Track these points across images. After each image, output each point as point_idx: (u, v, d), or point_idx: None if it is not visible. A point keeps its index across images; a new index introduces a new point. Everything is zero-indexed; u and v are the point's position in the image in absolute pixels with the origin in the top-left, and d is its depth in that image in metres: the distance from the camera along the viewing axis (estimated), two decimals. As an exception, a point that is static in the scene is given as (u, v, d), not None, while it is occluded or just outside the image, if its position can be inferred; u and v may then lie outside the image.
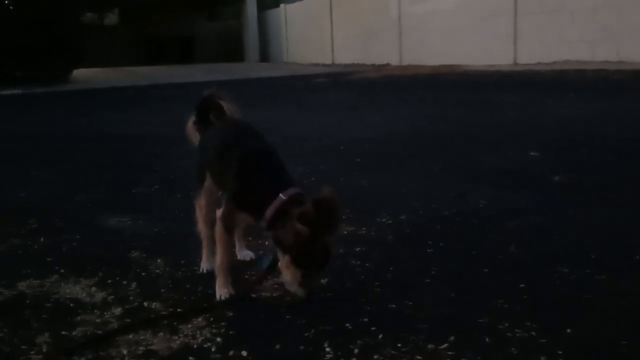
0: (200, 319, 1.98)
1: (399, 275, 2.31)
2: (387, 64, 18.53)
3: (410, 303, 2.04)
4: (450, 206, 3.26)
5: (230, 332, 1.89)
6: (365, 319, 1.93)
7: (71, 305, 2.14)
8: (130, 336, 1.87)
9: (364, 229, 2.91)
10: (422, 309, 2.00)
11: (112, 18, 30.49)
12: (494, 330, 1.83)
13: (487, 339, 1.77)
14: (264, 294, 2.18)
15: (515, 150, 4.80)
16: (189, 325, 1.94)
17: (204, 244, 2.46)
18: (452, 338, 1.78)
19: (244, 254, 2.57)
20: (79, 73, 16.72)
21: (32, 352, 1.80)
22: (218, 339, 1.84)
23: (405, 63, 17.98)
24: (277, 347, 1.79)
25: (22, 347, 1.84)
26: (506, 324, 1.85)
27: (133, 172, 4.64)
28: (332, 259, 2.06)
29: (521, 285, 2.15)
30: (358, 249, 2.63)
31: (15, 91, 13.25)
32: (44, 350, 1.81)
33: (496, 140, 5.33)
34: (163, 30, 27.76)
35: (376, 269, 2.39)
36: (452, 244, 2.66)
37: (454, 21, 16.23)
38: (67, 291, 2.26)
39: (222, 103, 2.50)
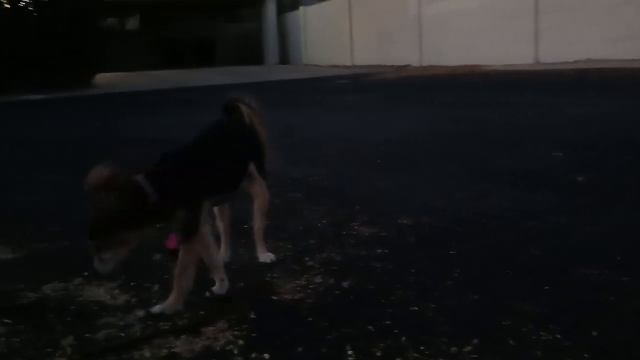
0: (222, 322, 1.98)
1: (421, 278, 2.30)
2: (407, 65, 18.46)
3: (433, 305, 2.03)
4: (471, 207, 3.24)
5: (252, 335, 1.89)
6: (388, 322, 1.92)
7: (95, 308, 2.16)
8: (153, 338, 1.89)
9: (385, 230, 2.90)
10: (445, 312, 1.98)
11: (133, 22, 30.79)
12: (517, 333, 1.81)
13: (510, 342, 1.75)
14: (285, 296, 2.18)
15: (536, 151, 4.75)
16: (211, 328, 1.94)
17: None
18: (475, 341, 1.77)
19: (265, 256, 2.57)
20: (101, 77, 16.91)
21: (56, 355, 1.82)
22: (240, 342, 1.85)
23: (425, 64, 17.90)
24: (299, 349, 1.79)
25: (47, 349, 1.86)
26: (530, 327, 1.83)
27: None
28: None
29: (544, 287, 2.13)
30: (379, 250, 2.62)
31: (39, 96, 13.44)
32: (68, 353, 1.83)
33: (516, 141, 5.28)
34: (183, 34, 27.95)
35: (398, 271, 2.38)
36: (474, 246, 2.64)
37: (475, 21, 16.12)
38: (91, 294, 2.28)
39: (241, 106, 2.49)
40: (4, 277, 2.47)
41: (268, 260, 2.55)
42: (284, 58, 27.11)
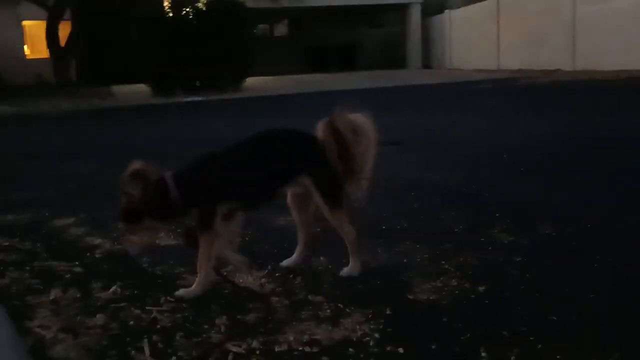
0: (360, 315, 2.09)
1: (561, 288, 2.26)
2: (558, 70, 17.56)
3: (572, 316, 2.00)
4: (617, 218, 3.09)
5: (388, 329, 1.98)
6: (524, 328, 1.93)
7: (244, 293, 2.36)
8: (296, 325, 2.04)
9: (525, 238, 2.86)
10: (585, 323, 1.94)
11: (281, 29, 32.13)
12: (664, 350, 1.74)
13: (656, 359, 1.69)
14: (420, 296, 2.25)
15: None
16: (350, 320, 2.06)
17: None
18: (617, 354, 1.72)
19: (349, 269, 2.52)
20: (250, 81, 17.82)
21: (212, 332, 2.03)
22: (376, 335, 1.95)
23: (578, 68, 16.91)
24: (433, 347, 1.85)
25: (204, 326, 2.07)
26: (679, 345, 1.75)
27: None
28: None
29: (699, 307, 2.01)
30: (518, 259, 2.59)
31: (197, 98, 14.49)
32: (222, 331, 2.03)
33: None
34: (327, 39, 28.66)
35: (537, 280, 2.35)
36: (619, 257, 2.53)
37: (636, 22, 14.98)
38: (242, 280, 2.49)
39: (329, 121, 2.46)
40: (167, 261, 2.75)
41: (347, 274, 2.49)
42: (427, 62, 26.89)
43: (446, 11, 25.45)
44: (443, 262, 2.58)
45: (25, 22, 23.29)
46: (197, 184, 2.33)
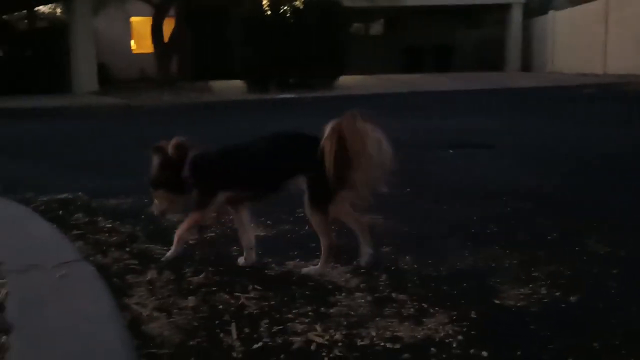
0: (444, 316, 2.08)
1: (661, 303, 2.14)
2: (668, 75, 16.50)
3: (671, 333, 1.89)
4: None
5: (472, 332, 1.95)
6: (616, 341, 1.85)
7: (329, 287, 2.39)
8: (379, 321, 2.05)
9: (625, 250, 2.72)
10: (685, 342, 1.84)
11: (376, 28, 32.06)
12: None
13: None
14: (507, 302, 2.20)
15: None
16: (433, 320, 2.05)
17: None
18: None
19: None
20: (343, 80, 17.92)
21: (296, 321, 2.08)
22: (459, 337, 1.92)
23: (691, 74, 15.81)
24: (518, 353, 1.81)
25: (288, 315, 2.13)
26: None
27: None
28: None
29: None
30: (615, 270, 2.48)
31: (290, 95, 14.74)
32: (307, 321, 2.07)
33: None
34: (423, 39, 28.30)
35: (634, 293, 2.25)
36: None
37: None
38: (326, 274, 2.53)
39: (334, 124, 2.44)
40: (257, 252, 2.84)
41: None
42: (526, 65, 25.99)
43: (550, 12, 24.49)
44: (533, 269, 2.51)
45: (132, 18, 24.56)
46: (205, 168, 2.59)
